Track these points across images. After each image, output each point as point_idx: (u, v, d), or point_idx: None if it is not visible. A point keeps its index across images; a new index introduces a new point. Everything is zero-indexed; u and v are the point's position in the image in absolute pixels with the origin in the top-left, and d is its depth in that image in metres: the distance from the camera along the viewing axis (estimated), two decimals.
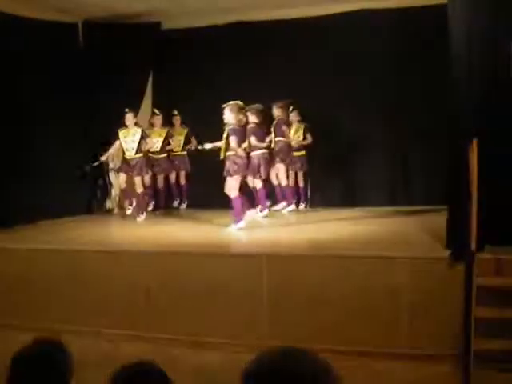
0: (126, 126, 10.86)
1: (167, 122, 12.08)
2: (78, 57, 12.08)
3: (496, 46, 6.57)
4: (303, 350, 1.79)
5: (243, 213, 9.35)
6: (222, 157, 9.38)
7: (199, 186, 12.04)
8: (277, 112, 11.17)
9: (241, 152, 9.29)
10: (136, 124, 10.97)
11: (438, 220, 7.26)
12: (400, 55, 11.04)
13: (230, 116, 9.34)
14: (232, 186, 9.27)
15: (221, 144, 9.51)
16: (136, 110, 11.92)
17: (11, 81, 10.28)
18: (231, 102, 9.42)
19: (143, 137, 10.87)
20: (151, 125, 11.87)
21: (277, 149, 10.96)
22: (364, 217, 10.09)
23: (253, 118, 10.28)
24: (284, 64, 11.61)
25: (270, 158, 10.72)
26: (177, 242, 8.49)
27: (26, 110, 10.55)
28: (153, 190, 11.94)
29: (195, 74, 11.99)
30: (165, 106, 12.11)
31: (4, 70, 10.08)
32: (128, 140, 10.84)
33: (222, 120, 11.54)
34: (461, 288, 6.22)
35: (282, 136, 11.01)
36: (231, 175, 9.25)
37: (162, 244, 8.36)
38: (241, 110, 9.53)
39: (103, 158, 11.27)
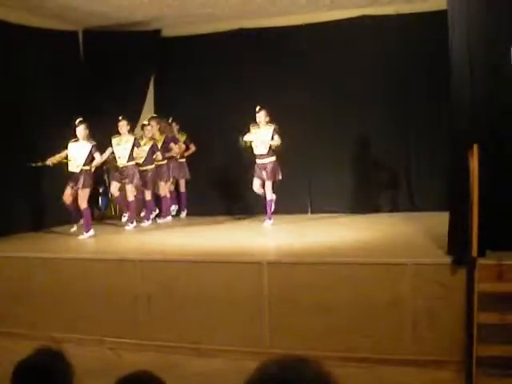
0: (119, 134, 10.87)
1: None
2: (79, 65, 12.13)
3: (497, 50, 6.58)
4: (304, 358, 1.78)
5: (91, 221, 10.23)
6: (75, 170, 9.95)
7: (198, 194, 12.10)
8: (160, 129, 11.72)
9: (93, 168, 10.15)
10: (129, 132, 10.95)
11: (440, 225, 7.25)
12: (402, 60, 11.05)
13: (84, 133, 9.96)
14: (85, 199, 9.98)
15: (61, 157, 10.19)
16: (136, 117, 11.97)
17: (12, 88, 10.31)
18: (79, 120, 10.03)
19: (135, 145, 10.85)
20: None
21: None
22: (366, 223, 10.07)
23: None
24: (285, 70, 11.62)
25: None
26: (177, 250, 8.47)
27: (28, 116, 10.57)
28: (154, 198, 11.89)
29: (196, 80, 12.00)
30: (166, 112, 12.13)
31: (5, 78, 10.11)
32: (120, 148, 10.83)
33: (222, 126, 11.64)
34: (463, 294, 6.22)
35: (168, 152, 11.58)
36: (86, 188, 9.97)
37: (163, 252, 8.35)
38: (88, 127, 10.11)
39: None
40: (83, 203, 10.01)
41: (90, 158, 10.05)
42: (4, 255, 8.52)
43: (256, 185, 10.49)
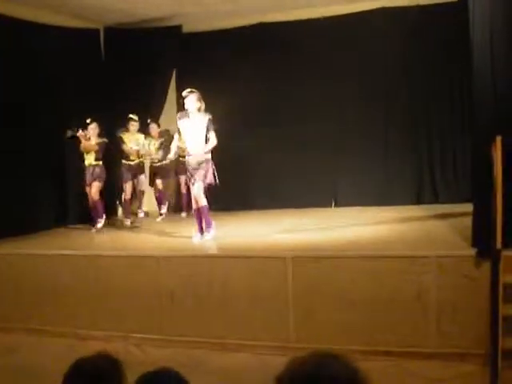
0: (128, 131, 11.01)
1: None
2: (100, 62, 12.21)
3: None
4: (335, 354, 1.77)
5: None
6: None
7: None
8: None
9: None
10: (139, 131, 11.12)
11: (464, 218, 7.20)
12: (422, 52, 11.00)
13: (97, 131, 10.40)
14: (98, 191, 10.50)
15: None
16: (158, 113, 12.06)
17: (34, 86, 10.41)
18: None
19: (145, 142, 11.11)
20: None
21: None
22: (390, 216, 10.02)
23: None
24: (306, 64, 11.61)
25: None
26: (199, 245, 8.49)
27: (50, 115, 10.67)
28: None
29: (217, 75, 11.97)
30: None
31: (27, 76, 10.19)
32: (132, 145, 10.98)
33: (246, 121, 11.61)
34: (487, 286, 6.18)
35: None
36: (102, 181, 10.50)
37: (185, 248, 8.37)
38: None
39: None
40: (97, 195, 10.36)
41: None
42: (29, 253, 8.60)
43: None
